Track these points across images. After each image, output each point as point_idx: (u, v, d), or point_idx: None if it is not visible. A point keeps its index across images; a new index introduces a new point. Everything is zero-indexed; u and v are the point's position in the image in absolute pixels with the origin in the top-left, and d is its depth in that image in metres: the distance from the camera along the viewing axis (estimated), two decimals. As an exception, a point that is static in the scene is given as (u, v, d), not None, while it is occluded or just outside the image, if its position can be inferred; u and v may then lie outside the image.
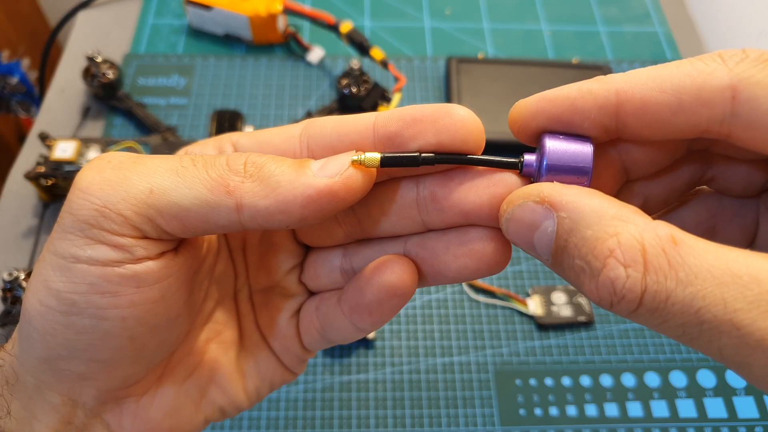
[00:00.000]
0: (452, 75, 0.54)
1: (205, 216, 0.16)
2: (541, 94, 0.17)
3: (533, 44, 0.61)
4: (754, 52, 0.15)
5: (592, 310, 0.44)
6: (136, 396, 0.20)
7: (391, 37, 0.60)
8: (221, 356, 0.22)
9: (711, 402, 0.41)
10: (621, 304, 0.14)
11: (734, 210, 0.20)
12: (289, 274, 0.22)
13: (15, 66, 0.80)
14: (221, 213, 0.16)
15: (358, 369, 0.42)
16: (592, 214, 0.15)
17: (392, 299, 0.19)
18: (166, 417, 0.20)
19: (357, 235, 0.21)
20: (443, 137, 0.17)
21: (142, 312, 0.17)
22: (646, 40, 0.61)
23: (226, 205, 0.16)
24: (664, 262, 0.13)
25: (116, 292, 0.17)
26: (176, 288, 0.18)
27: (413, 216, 0.19)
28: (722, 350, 0.13)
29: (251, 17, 0.55)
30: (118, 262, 0.16)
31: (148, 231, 0.17)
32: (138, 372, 0.19)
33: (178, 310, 0.19)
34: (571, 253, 0.15)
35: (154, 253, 0.17)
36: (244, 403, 0.22)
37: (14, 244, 0.46)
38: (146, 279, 0.17)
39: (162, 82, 0.55)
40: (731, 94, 0.15)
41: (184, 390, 0.21)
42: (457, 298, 0.45)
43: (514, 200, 0.17)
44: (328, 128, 0.19)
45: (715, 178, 0.20)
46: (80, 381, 0.18)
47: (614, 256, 0.14)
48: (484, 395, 0.41)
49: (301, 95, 0.55)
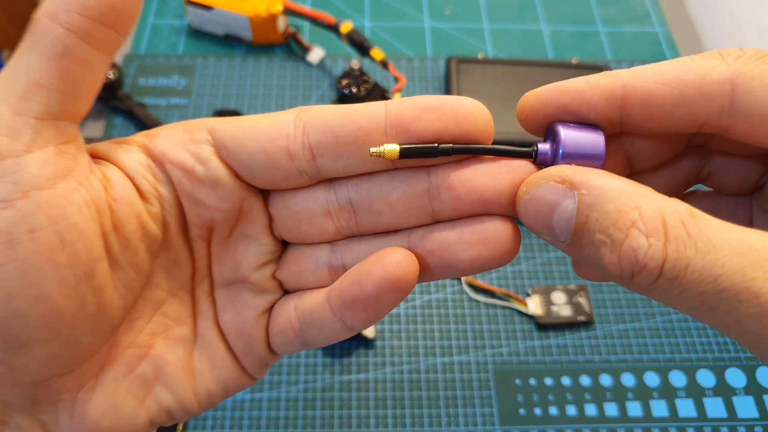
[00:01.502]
0: (452, 75, 0.54)
1: (51, 60, 0.16)
2: (551, 84, 0.18)
3: (533, 44, 0.61)
4: (751, 49, 0.16)
5: (591, 310, 0.44)
6: (71, 392, 0.18)
7: (391, 37, 0.60)
8: (169, 353, 0.20)
9: (710, 402, 0.41)
10: (642, 274, 0.14)
11: (729, 210, 0.20)
12: (260, 269, 0.21)
13: (15, 66, 0.80)
14: (54, 39, 0.16)
15: (358, 369, 0.42)
16: (613, 191, 0.15)
17: (393, 293, 0.18)
18: (105, 415, 0.19)
19: (350, 231, 0.20)
20: (463, 126, 0.18)
21: (42, 262, 0.15)
22: (645, 40, 0.62)
23: (49, 28, 0.16)
24: (684, 233, 0.14)
25: (10, 242, 0.15)
26: (78, 234, 0.16)
27: (422, 206, 0.19)
28: (741, 321, 0.13)
29: (251, 17, 0.55)
30: (7, 200, 0.15)
31: (24, 134, 0.16)
32: (61, 353, 0.17)
33: (87, 265, 0.17)
34: (592, 228, 0.15)
35: (42, 177, 0.16)
36: (194, 406, 0.20)
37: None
38: (40, 219, 0.15)
39: (162, 83, 0.55)
40: (730, 87, 0.16)
41: (126, 386, 0.19)
42: (457, 298, 0.45)
43: (534, 181, 0.17)
44: (329, 114, 0.18)
45: (711, 174, 0.20)
46: (1, 379, 0.17)
47: (636, 227, 0.14)
48: (484, 395, 0.41)
49: (301, 95, 0.55)
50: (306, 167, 0.19)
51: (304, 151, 0.18)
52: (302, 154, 0.18)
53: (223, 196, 0.19)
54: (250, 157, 0.19)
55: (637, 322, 0.44)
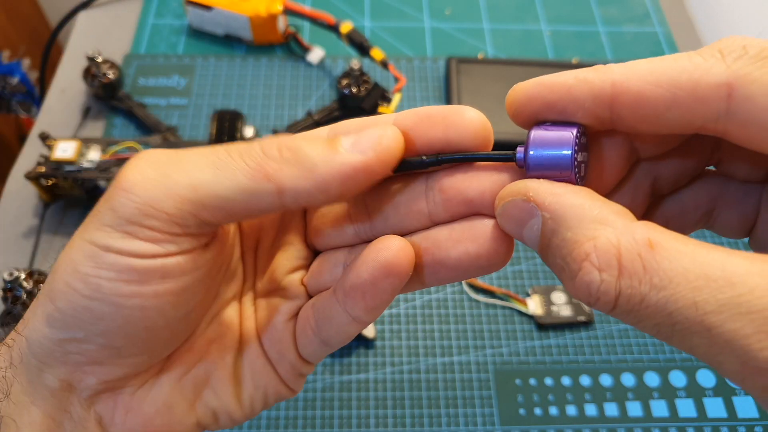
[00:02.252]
0: (452, 75, 0.54)
1: (247, 203, 0.17)
2: (539, 78, 0.17)
3: (533, 44, 0.61)
4: (754, 47, 0.15)
5: (591, 310, 0.44)
6: (133, 387, 0.20)
7: (391, 37, 0.60)
8: (219, 359, 0.21)
9: (710, 402, 0.41)
10: (597, 305, 0.15)
11: (736, 197, 0.20)
12: (292, 274, 0.22)
13: (15, 66, 0.80)
14: (263, 198, 0.17)
15: (358, 369, 0.42)
16: (573, 217, 0.15)
17: (387, 278, 0.18)
18: (158, 413, 0.20)
19: (365, 234, 0.21)
20: (451, 133, 0.18)
21: (162, 303, 0.18)
22: (645, 40, 0.61)
23: (267, 190, 0.17)
24: (639, 267, 0.14)
25: (141, 281, 0.17)
26: (198, 282, 0.19)
27: (421, 208, 0.19)
28: (694, 349, 0.13)
29: (251, 17, 0.55)
30: (151, 255, 0.17)
31: (190, 226, 0.17)
32: (143, 362, 0.19)
33: (195, 304, 0.19)
34: (553, 252, 0.16)
35: (186, 248, 0.18)
36: (238, 412, 0.22)
37: (14, 244, 0.46)
38: (173, 272, 0.18)
39: (162, 83, 0.55)
40: (727, 91, 0.15)
41: (180, 387, 0.21)
42: (457, 298, 0.45)
43: (504, 196, 0.17)
44: (353, 125, 0.20)
45: (722, 161, 0.20)
46: (85, 366, 0.18)
47: (590, 260, 0.14)
48: (484, 395, 0.41)
49: (301, 95, 0.55)
50: None
51: None
52: None
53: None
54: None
55: (637, 322, 0.44)
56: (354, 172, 0.17)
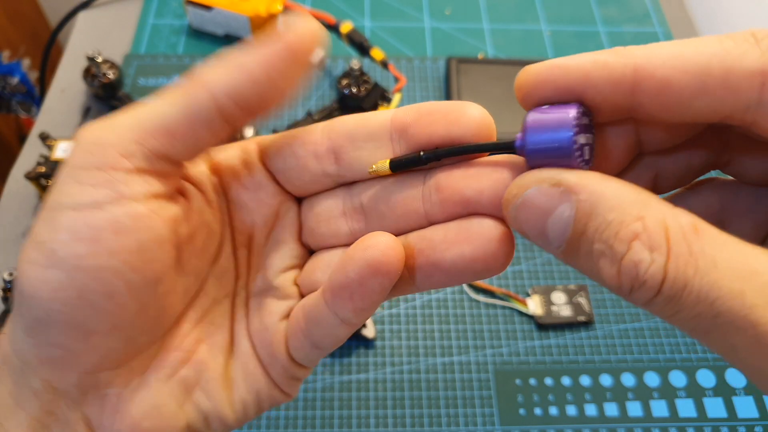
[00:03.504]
0: (452, 75, 0.54)
1: (187, 117, 0.17)
2: (552, 61, 0.16)
3: (533, 44, 0.61)
4: None
5: (591, 310, 0.44)
6: (119, 387, 0.19)
7: (391, 37, 0.60)
8: (210, 360, 0.20)
9: (710, 402, 0.41)
10: (641, 290, 0.14)
11: (749, 203, 0.19)
12: (284, 273, 0.21)
13: (15, 66, 0.80)
14: (199, 107, 0.17)
15: (358, 369, 0.42)
16: (613, 198, 0.14)
17: (374, 277, 0.17)
18: (146, 415, 0.19)
19: (362, 233, 0.20)
20: (453, 130, 0.18)
21: (119, 263, 0.17)
22: (645, 40, 0.61)
23: (201, 96, 0.17)
24: (685, 249, 0.13)
25: (95, 239, 0.16)
26: (161, 244, 0.18)
27: (417, 208, 0.19)
28: (736, 349, 0.13)
29: (251, 18, 0.55)
30: (102, 203, 0.16)
31: (136, 156, 0.17)
32: (118, 347, 0.18)
33: (158, 272, 0.18)
34: (590, 238, 0.14)
35: (141, 192, 0.17)
36: (230, 416, 0.21)
37: (14, 244, 0.46)
38: (127, 225, 0.17)
39: (162, 83, 0.55)
40: (761, 80, 0.14)
41: (168, 388, 0.20)
42: (457, 298, 0.45)
43: (525, 184, 0.16)
44: (350, 121, 0.20)
45: (732, 161, 0.19)
46: (59, 362, 0.18)
47: (640, 239, 0.13)
48: (484, 395, 0.41)
49: (301, 95, 0.55)
50: (330, 169, 0.20)
51: (328, 153, 0.20)
52: (326, 157, 0.20)
53: (263, 199, 0.21)
54: (284, 161, 0.20)
55: (637, 322, 0.44)
56: (275, 56, 0.17)
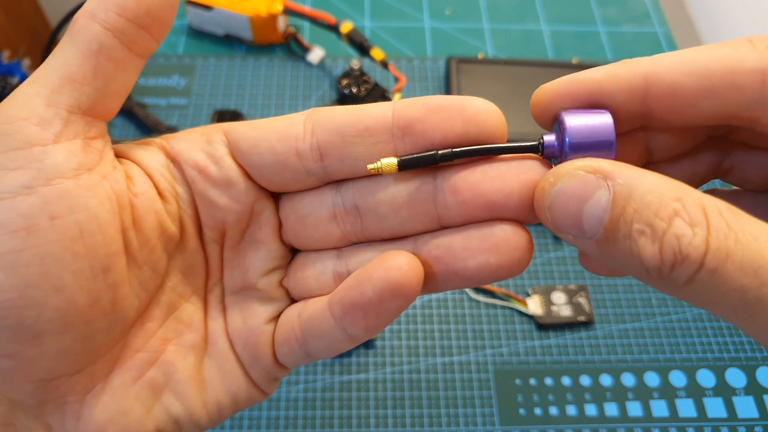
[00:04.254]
0: (452, 75, 0.54)
1: (84, 55, 0.17)
2: (567, 77, 0.17)
3: (533, 44, 0.61)
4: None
5: (591, 310, 0.44)
6: (79, 394, 0.18)
7: (391, 37, 0.60)
8: (180, 360, 0.19)
9: (710, 402, 0.41)
10: (683, 266, 0.14)
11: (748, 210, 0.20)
12: (268, 276, 0.20)
13: (15, 66, 0.80)
14: (90, 36, 0.17)
15: (358, 369, 0.42)
16: (649, 183, 0.15)
17: (395, 299, 0.17)
18: (111, 420, 0.18)
19: (356, 236, 0.19)
20: (471, 128, 0.17)
21: (60, 250, 0.15)
22: (645, 40, 0.61)
23: (87, 26, 0.17)
24: (724, 224, 0.14)
25: (30, 227, 0.15)
26: (97, 226, 0.16)
27: (428, 211, 0.18)
28: None
29: (251, 17, 0.55)
30: (30, 186, 0.15)
31: (55, 125, 0.16)
32: (73, 348, 0.17)
33: (104, 258, 0.17)
34: (629, 219, 0.15)
35: (68, 168, 0.16)
36: (203, 418, 0.20)
37: None
38: (60, 205, 0.16)
39: (162, 83, 0.55)
40: (761, 78, 0.15)
41: (134, 392, 0.19)
42: (457, 298, 0.45)
43: (561, 173, 0.16)
44: (337, 114, 0.18)
45: (733, 168, 0.19)
46: (11, 373, 0.16)
47: (680, 216, 0.14)
48: (484, 395, 0.41)
49: (301, 95, 0.55)
50: (314, 168, 0.19)
51: (312, 151, 0.18)
52: (310, 154, 0.18)
53: (235, 197, 0.19)
54: (260, 156, 0.19)
55: (637, 322, 0.44)
56: None
